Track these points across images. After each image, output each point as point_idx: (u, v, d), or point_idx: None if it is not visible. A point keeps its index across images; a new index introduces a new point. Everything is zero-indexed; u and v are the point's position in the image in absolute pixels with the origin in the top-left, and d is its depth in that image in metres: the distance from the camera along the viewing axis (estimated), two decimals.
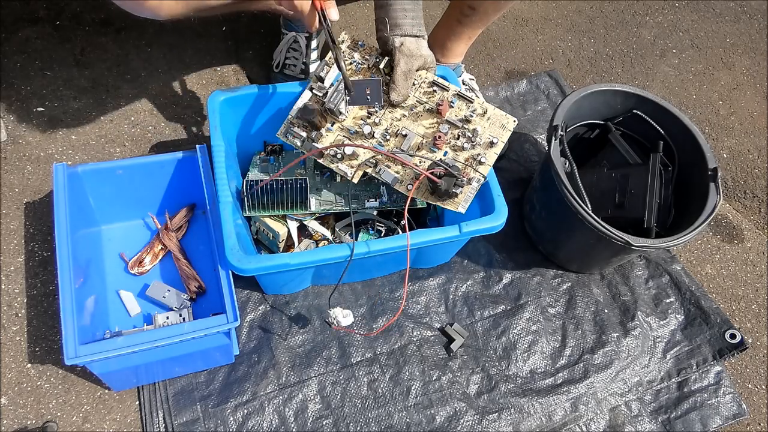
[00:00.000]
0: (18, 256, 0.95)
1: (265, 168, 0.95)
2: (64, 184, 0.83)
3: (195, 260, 0.94)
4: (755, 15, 1.54)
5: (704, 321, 1.01)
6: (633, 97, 1.02)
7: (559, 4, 1.49)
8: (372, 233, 0.93)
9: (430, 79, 0.86)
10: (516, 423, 0.89)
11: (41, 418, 0.83)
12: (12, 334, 0.89)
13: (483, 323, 0.97)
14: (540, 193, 1.01)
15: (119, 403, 0.85)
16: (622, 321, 1.00)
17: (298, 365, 0.90)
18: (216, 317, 0.76)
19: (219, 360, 0.87)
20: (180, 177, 0.93)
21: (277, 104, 0.93)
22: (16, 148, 1.06)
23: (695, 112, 1.33)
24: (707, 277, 1.09)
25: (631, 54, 1.41)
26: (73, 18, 1.24)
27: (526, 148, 1.19)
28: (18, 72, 1.15)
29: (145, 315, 0.89)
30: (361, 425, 0.86)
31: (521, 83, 1.29)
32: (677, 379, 0.96)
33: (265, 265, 0.77)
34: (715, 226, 1.15)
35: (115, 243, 0.95)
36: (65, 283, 0.75)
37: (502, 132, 0.84)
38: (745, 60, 1.44)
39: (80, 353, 0.71)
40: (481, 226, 0.82)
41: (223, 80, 1.21)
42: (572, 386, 0.93)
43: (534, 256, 1.05)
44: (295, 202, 0.88)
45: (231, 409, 0.85)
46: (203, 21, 1.27)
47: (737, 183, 1.22)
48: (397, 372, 0.91)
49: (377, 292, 0.98)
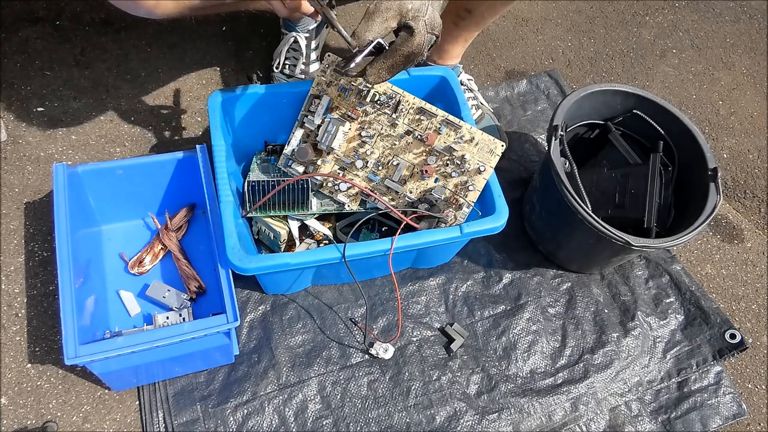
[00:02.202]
0: (18, 256, 0.95)
1: (266, 168, 0.95)
2: (64, 184, 0.83)
3: (195, 260, 0.94)
4: (755, 15, 1.54)
5: (704, 321, 1.01)
6: (633, 97, 1.02)
7: (559, 4, 1.48)
8: (374, 234, 0.93)
9: (417, 105, 0.86)
10: (516, 423, 0.89)
11: (41, 418, 0.83)
12: (12, 334, 0.89)
13: (483, 323, 0.97)
14: (540, 193, 1.01)
15: (119, 403, 0.85)
16: (622, 321, 1.00)
17: (298, 365, 0.90)
18: (216, 317, 0.76)
19: (219, 360, 0.87)
20: (180, 177, 0.93)
21: (277, 104, 0.93)
22: (16, 148, 1.06)
23: (695, 112, 1.33)
24: (707, 277, 1.09)
25: (631, 54, 1.41)
26: (73, 18, 1.24)
27: (526, 148, 1.19)
28: (18, 72, 1.15)
29: (145, 315, 0.89)
30: (361, 425, 0.86)
31: (521, 83, 1.29)
32: (677, 379, 0.96)
33: (266, 265, 0.77)
34: (715, 226, 1.15)
35: (115, 243, 0.95)
36: (65, 283, 0.75)
37: (490, 157, 0.85)
38: (745, 60, 1.44)
39: (80, 353, 0.71)
40: (482, 227, 0.82)
41: (223, 80, 1.21)
42: (572, 386, 0.93)
43: (534, 256, 1.05)
44: (296, 203, 0.88)
45: (231, 409, 0.85)
46: (203, 21, 1.27)
47: (737, 183, 1.22)
48: (397, 372, 0.91)
49: (377, 292, 0.98)
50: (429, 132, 0.86)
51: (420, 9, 0.70)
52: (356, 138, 0.87)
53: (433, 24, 0.71)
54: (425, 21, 0.70)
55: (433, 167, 0.86)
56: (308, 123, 0.87)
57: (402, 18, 0.70)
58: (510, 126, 1.22)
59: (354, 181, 0.87)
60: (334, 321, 0.94)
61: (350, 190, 0.89)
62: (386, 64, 0.72)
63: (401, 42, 0.70)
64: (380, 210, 0.88)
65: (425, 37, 0.71)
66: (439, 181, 0.86)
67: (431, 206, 0.84)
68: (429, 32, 0.71)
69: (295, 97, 0.92)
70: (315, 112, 0.87)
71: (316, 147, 0.87)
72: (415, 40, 0.70)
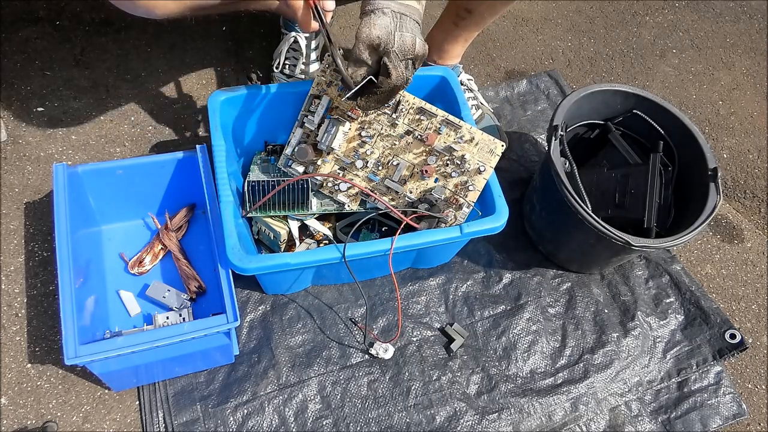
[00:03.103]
0: (18, 256, 0.95)
1: (266, 168, 0.95)
2: (64, 184, 0.83)
3: (195, 260, 0.94)
4: (755, 15, 1.54)
5: (704, 321, 1.01)
6: (633, 97, 1.02)
7: (559, 4, 1.49)
8: (374, 234, 0.93)
9: (417, 105, 0.86)
10: (516, 423, 0.89)
11: (41, 418, 0.83)
12: (12, 334, 0.89)
13: (483, 323, 0.97)
14: (540, 193, 1.01)
15: (119, 403, 0.85)
16: (622, 321, 1.00)
17: (298, 365, 0.90)
18: (216, 317, 0.76)
19: (219, 360, 0.87)
20: (180, 177, 0.93)
21: (278, 104, 0.93)
22: (16, 148, 1.06)
23: (695, 112, 1.33)
24: (707, 277, 1.09)
25: (631, 54, 1.41)
26: (73, 18, 1.24)
27: (526, 148, 1.19)
28: (18, 72, 1.15)
29: (145, 315, 0.89)
30: (361, 425, 0.86)
31: (521, 83, 1.29)
32: (677, 379, 0.96)
33: (266, 265, 0.77)
34: (715, 226, 1.15)
35: (115, 243, 0.95)
36: (65, 283, 0.75)
37: (490, 157, 0.85)
38: (745, 60, 1.44)
39: (80, 353, 0.71)
40: (482, 227, 0.82)
41: (223, 80, 1.21)
42: (572, 386, 0.93)
43: (534, 256, 1.05)
44: (296, 203, 0.88)
45: (231, 409, 0.85)
46: (203, 21, 1.27)
47: (737, 183, 1.22)
48: (397, 372, 0.91)
49: (377, 292, 0.98)
50: (429, 132, 0.86)
51: (388, 40, 0.72)
52: (356, 138, 0.87)
53: (404, 50, 0.73)
54: (395, 52, 0.73)
55: (433, 167, 0.86)
56: (308, 123, 0.87)
57: (377, 52, 0.73)
58: (510, 126, 1.22)
59: (354, 181, 0.87)
60: (334, 321, 0.94)
61: (350, 190, 0.88)
62: (373, 99, 0.77)
63: (382, 82, 0.75)
64: (380, 210, 0.88)
65: (401, 68, 0.74)
66: (439, 181, 0.86)
67: (431, 206, 0.84)
68: (403, 59, 0.74)
69: (295, 97, 0.92)
70: (315, 112, 0.87)
71: (316, 147, 0.87)
72: (392, 77, 0.74)
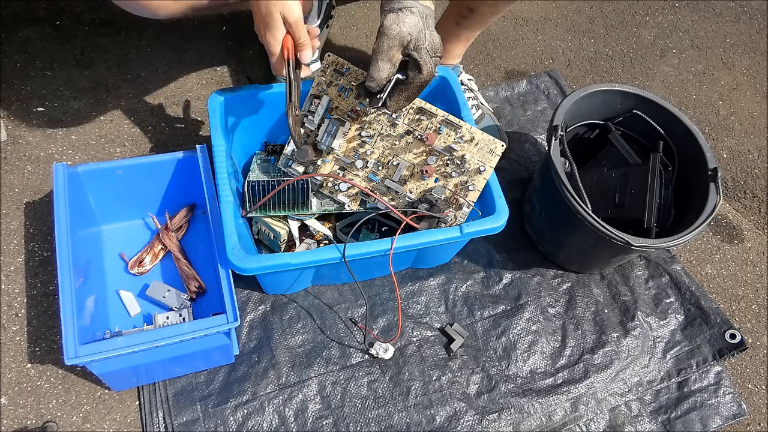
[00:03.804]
0: (18, 256, 0.95)
1: (266, 168, 0.95)
2: (64, 184, 0.83)
3: (195, 260, 0.94)
4: (755, 15, 1.54)
5: (704, 321, 1.01)
6: (633, 97, 1.02)
7: (559, 4, 1.48)
8: (374, 234, 0.93)
9: (417, 105, 0.86)
10: (516, 423, 0.89)
11: (41, 418, 0.83)
12: (12, 334, 0.89)
13: (483, 323, 0.97)
14: (540, 193, 1.01)
15: (119, 403, 0.85)
16: (622, 321, 1.00)
17: (298, 365, 0.90)
18: (216, 317, 0.76)
19: (219, 360, 0.87)
20: (180, 177, 0.93)
21: (277, 104, 0.93)
22: (16, 148, 1.06)
23: (695, 112, 1.33)
24: (707, 277, 1.09)
25: (631, 54, 1.41)
26: (73, 18, 1.24)
27: (526, 148, 1.19)
28: (18, 72, 1.15)
29: (145, 315, 0.89)
30: (361, 425, 0.86)
31: (521, 83, 1.29)
32: (677, 379, 0.96)
33: (266, 265, 0.77)
34: (715, 226, 1.15)
35: (115, 243, 0.95)
36: (65, 283, 0.75)
37: (490, 157, 0.85)
38: (745, 60, 1.44)
39: (80, 353, 0.71)
40: (482, 227, 0.82)
41: (223, 80, 1.21)
42: (572, 386, 0.93)
43: (534, 256, 1.05)
44: (296, 203, 0.88)
45: (231, 409, 0.85)
46: (203, 21, 1.27)
47: (737, 183, 1.22)
48: (397, 372, 0.91)
49: (377, 292, 0.98)
50: (429, 132, 0.86)
51: (419, 38, 0.73)
52: (356, 138, 0.87)
53: (435, 48, 0.75)
54: (426, 49, 0.74)
55: (433, 167, 0.86)
56: (308, 123, 0.87)
57: (405, 49, 0.73)
58: (510, 126, 1.22)
59: (354, 181, 0.87)
60: (334, 321, 0.94)
61: (350, 190, 0.89)
62: (403, 96, 0.77)
63: (413, 77, 0.75)
64: (380, 210, 0.88)
65: (431, 64, 0.75)
66: (439, 181, 0.86)
67: (431, 206, 0.84)
68: (432, 56, 0.75)
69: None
70: (315, 112, 0.87)
71: (316, 147, 0.87)
72: (424, 72, 0.75)
